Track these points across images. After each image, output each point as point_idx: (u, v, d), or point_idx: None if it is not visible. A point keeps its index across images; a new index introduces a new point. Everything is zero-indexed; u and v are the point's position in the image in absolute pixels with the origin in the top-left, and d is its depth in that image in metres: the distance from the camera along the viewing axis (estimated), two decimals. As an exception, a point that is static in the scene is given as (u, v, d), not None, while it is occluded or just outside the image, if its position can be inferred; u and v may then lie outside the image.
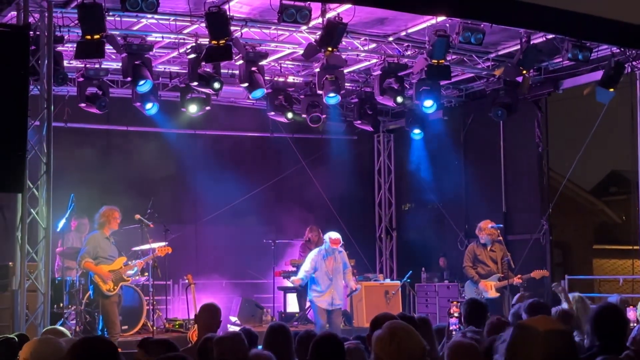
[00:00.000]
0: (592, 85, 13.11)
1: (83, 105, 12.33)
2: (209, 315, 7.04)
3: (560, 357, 2.80)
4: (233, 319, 13.77)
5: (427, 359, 3.95)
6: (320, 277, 11.61)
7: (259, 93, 12.62)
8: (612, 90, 12.39)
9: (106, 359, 3.88)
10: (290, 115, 13.84)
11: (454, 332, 7.82)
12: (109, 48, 11.04)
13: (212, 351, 5.37)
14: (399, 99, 13.08)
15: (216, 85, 12.16)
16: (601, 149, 18.24)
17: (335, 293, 11.62)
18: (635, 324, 7.64)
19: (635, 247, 12.84)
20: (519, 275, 12.11)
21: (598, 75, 12.65)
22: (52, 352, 4.71)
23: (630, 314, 8.32)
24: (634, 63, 12.42)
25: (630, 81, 12.62)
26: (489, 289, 12.08)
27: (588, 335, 5.10)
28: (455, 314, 8.28)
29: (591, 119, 13.94)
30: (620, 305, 6.22)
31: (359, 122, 14.63)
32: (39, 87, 9.52)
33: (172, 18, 11.28)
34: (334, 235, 11.83)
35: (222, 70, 12.69)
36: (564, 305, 7.74)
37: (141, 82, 11.71)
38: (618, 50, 12.36)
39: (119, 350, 5.51)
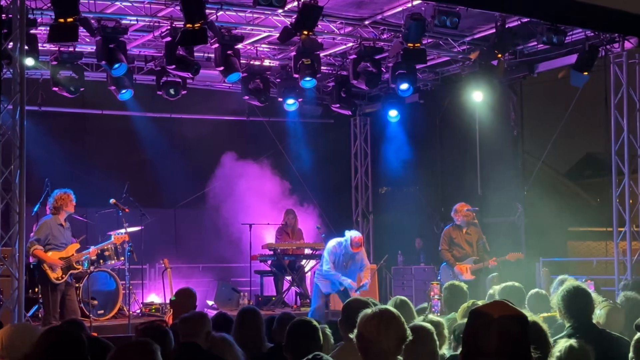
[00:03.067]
0: (567, 68, 13.20)
1: (56, 89, 12.24)
2: (185, 300, 7.07)
3: (514, 341, 2.83)
4: (210, 302, 13.79)
5: None
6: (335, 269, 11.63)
7: (235, 77, 12.56)
8: (586, 73, 12.48)
9: (71, 348, 3.91)
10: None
11: (437, 314, 7.88)
12: (83, 31, 10.94)
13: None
14: (371, 83, 13.08)
15: (195, 69, 12.10)
16: (576, 131, 18.38)
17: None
18: None
19: (608, 229, 12.97)
20: (494, 258, 12.22)
21: (572, 58, 12.73)
22: (26, 337, 4.70)
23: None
24: (607, 47, 12.51)
25: (604, 65, 12.71)
26: (465, 272, 12.19)
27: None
28: (436, 296, 8.35)
29: (566, 102, 14.05)
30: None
31: (337, 105, 14.63)
32: (11, 70, 9.44)
33: (147, 1, 11.19)
34: (355, 234, 11.62)
35: (198, 54, 12.64)
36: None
37: (116, 65, 11.62)
38: (592, 34, 12.44)
39: (95, 334, 5.52)
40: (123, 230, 11.76)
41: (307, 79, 12.60)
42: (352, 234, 11.57)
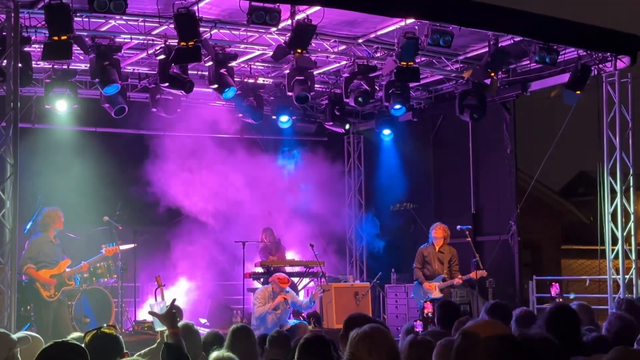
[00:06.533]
0: (559, 87, 13.25)
1: (49, 106, 12.24)
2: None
3: None
4: (203, 320, 13.73)
5: None
6: (268, 319, 11.80)
7: (230, 93, 12.53)
8: (578, 92, 12.55)
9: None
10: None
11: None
12: (77, 49, 10.96)
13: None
14: (361, 100, 13.11)
15: (188, 87, 12.11)
16: (569, 150, 18.42)
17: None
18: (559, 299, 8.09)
19: (602, 248, 12.97)
20: (460, 276, 12.43)
21: (565, 77, 12.79)
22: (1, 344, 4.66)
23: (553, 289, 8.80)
24: (600, 66, 12.58)
25: (596, 83, 12.77)
26: (433, 290, 12.44)
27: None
28: (430, 314, 8.34)
29: (559, 121, 14.09)
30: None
31: (331, 123, 14.65)
32: (4, 88, 9.46)
33: (141, 19, 11.21)
34: (279, 274, 12.06)
35: (192, 72, 12.66)
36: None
37: (109, 86, 11.61)
38: (584, 53, 12.50)
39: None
40: (114, 243, 11.75)
41: (301, 96, 12.60)
42: (276, 275, 12.05)
